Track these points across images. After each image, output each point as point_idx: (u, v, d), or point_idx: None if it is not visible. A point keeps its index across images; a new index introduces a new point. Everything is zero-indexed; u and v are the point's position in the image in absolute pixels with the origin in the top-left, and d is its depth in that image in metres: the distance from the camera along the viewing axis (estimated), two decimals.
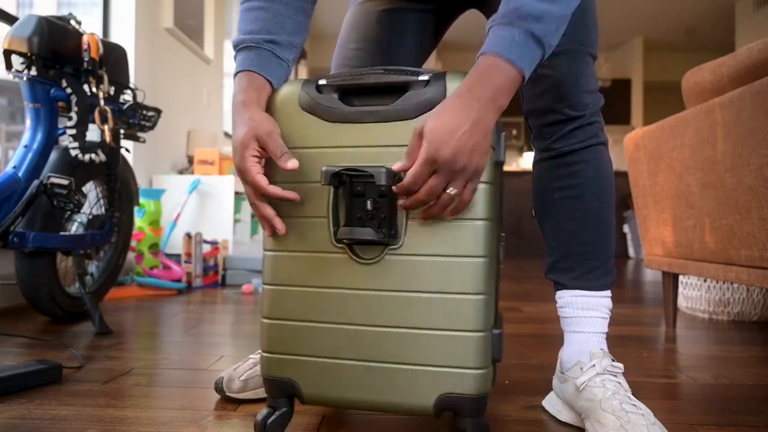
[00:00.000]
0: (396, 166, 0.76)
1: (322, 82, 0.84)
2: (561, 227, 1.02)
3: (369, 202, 0.81)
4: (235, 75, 0.87)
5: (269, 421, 0.85)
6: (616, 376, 0.95)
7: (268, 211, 0.83)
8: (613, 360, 0.98)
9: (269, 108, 0.86)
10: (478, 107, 0.72)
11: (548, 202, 1.03)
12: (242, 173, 0.81)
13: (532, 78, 0.94)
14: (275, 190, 0.80)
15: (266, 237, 0.87)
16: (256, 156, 0.80)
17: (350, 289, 0.83)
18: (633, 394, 0.93)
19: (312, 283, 0.84)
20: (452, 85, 0.78)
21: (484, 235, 0.78)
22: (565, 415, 1.01)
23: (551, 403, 1.06)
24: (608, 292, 1.02)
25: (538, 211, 1.06)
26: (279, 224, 0.83)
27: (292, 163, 0.79)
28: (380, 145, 0.81)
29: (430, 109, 0.77)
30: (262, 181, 0.80)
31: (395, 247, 0.81)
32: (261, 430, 0.85)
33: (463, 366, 0.78)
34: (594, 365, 0.96)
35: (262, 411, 0.86)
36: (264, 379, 0.88)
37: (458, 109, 0.72)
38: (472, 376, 0.78)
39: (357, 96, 0.84)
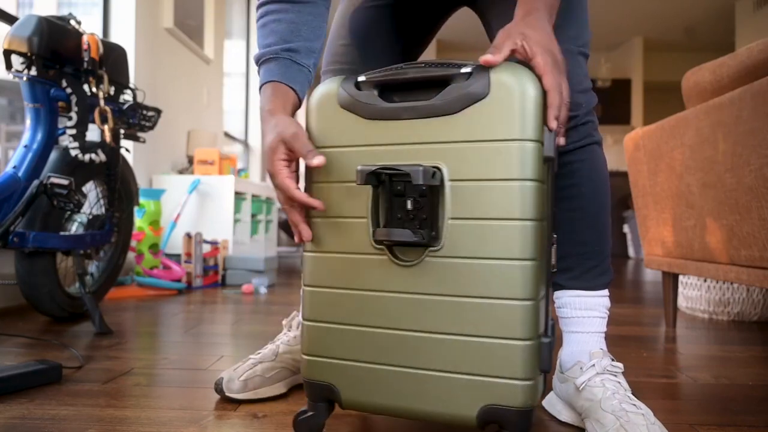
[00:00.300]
0: (484, 58, 0.75)
1: (361, 78, 0.82)
2: (558, 227, 1.02)
3: (409, 202, 0.78)
4: (260, 88, 0.88)
5: (305, 418, 0.86)
6: (615, 375, 0.95)
7: (296, 216, 0.83)
8: (612, 359, 0.98)
9: (307, 107, 0.86)
10: (548, 18, 0.81)
11: None
12: (272, 177, 0.82)
13: None
14: (301, 195, 0.81)
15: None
16: (284, 159, 0.81)
17: (389, 291, 0.80)
18: (633, 394, 0.93)
19: (351, 285, 0.82)
20: (496, 77, 0.74)
21: (532, 236, 0.74)
22: (565, 415, 1.01)
23: (551, 404, 1.06)
24: (606, 292, 1.02)
25: None
26: (305, 232, 0.83)
27: (318, 160, 0.78)
28: (420, 142, 0.78)
29: (474, 103, 0.75)
30: (291, 185, 0.80)
31: (435, 248, 0.77)
32: (301, 429, 0.86)
33: (509, 376, 0.74)
34: (593, 365, 0.96)
35: (303, 410, 0.87)
36: (304, 382, 0.86)
37: (539, 21, 0.79)
38: (518, 388, 0.74)
39: (398, 92, 0.81)
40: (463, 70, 0.76)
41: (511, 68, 0.75)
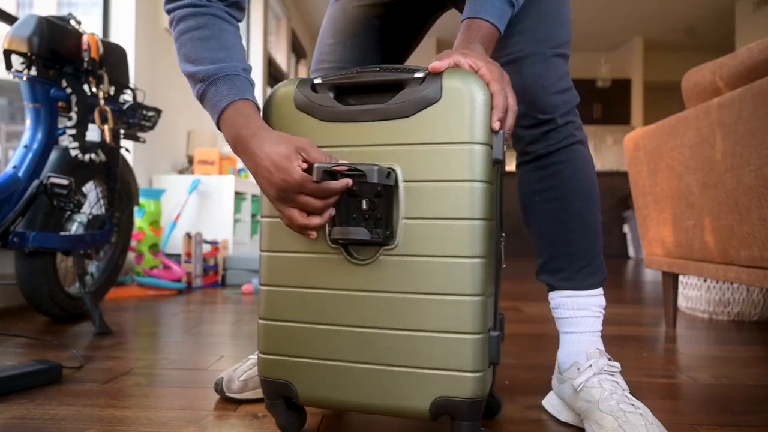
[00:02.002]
0: (431, 65, 0.79)
1: (317, 81, 0.83)
2: (545, 229, 1.03)
3: (364, 202, 0.80)
4: (232, 103, 0.83)
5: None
6: (613, 375, 0.95)
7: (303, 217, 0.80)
8: (609, 359, 0.98)
9: (264, 108, 0.86)
10: (483, 51, 0.85)
11: (531, 205, 1.04)
12: (295, 187, 0.76)
13: None
14: (337, 184, 0.77)
15: (262, 238, 0.87)
16: (302, 166, 0.77)
17: (345, 290, 0.82)
18: (631, 393, 0.93)
19: (307, 284, 0.84)
20: (448, 82, 0.78)
21: (481, 235, 0.77)
22: (565, 415, 1.01)
23: (551, 404, 1.06)
24: (600, 290, 1.02)
25: (524, 215, 1.06)
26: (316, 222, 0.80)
27: (343, 163, 0.78)
28: (376, 144, 0.81)
29: (427, 107, 0.78)
30: (324, 185, 0.77)
31: (390, 247, 0.80)
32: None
33: (460, 369, 0.77)
34: (590, 365, 0.96)
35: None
36: (261, 380, 0.88)
37: (476, 48, 0.85)
38: (468, 380, 0.77)
39: (353, 95, 0.83)
40: (417, 75, 0.80)
41: (461, 75, 0.79)
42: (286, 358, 0.85)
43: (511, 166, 1.25)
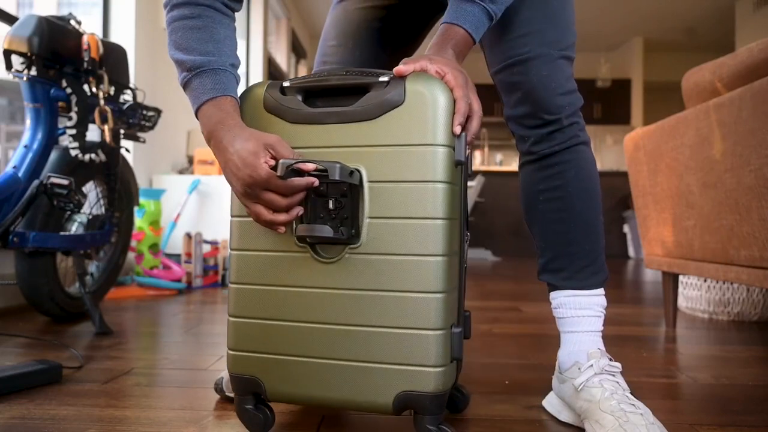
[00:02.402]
0: (396, 69, 0.82)
1: (286, 84, 0.86)
2: (548, 229, 1.03)
3: (331, 202, 0.82)
4: (213, 98, 0.84)
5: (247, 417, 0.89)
6: (614, 375, 0.95)
7: (270, 214, 0.82)
8: (610, 359, 0.98)
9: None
10: (454, 56, 0.88)
11: (534, 205, 1.05)
12: (261, 183, 0.78)
13: (507, 86, 1.00)
14: (301, 181, 0.79)
15: (232, 237, 0.89)
16: (269, 163, 0.79)
17: (311, 287, 0.84)
18: (632, 393, 0.93)
19: (274, 282, 0.86)
20: (411, 86, 0.80)
21: (443, 234, 0.80)
22: (565, 415, 1.01)
23: (551, 404, 1.06)
24: (601, 290, 1.02)
25: (526, 215, 1.07)
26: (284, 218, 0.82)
27: (311, 164, 0.79)
28: (342, 146, 0.83)
29: (391, 110, 0.80)
30: (289, 182, 0.79)
31: (355, 246, 0.82)
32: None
33: (422, 364, 0.80)
34: (591, 365, 0.96)
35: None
36: (230, 377, 0.89)
37: (446, 53, 0.87)
38: (431, 374, 0.79)
39: (321, 98, 0.85)
40: (381, 78, 0.82)
41: (425, 79, 0.81)
42: (254, 354, 0.87)
43: (513, 166, 1.26)
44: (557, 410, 1.03)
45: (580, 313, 1.01)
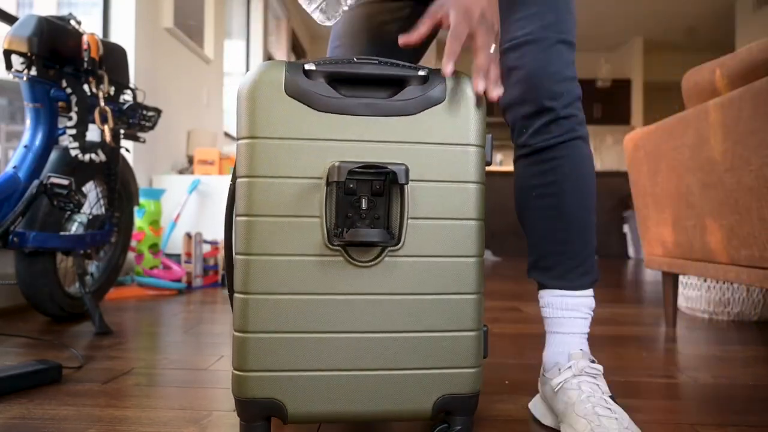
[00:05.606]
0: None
1: (309, 66, 0.77)
2: (539, 226, 1.00)
3: (364, 201, 0.78)
4: None
5: None
6: (594, 377, 0.92)
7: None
8: (593, 361, 0.95)
9: (242, 91, 0.77)
10: None
11: (526, 200, 1.01)
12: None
13: (504, 71, 0.97)
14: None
15: (238, 239, 0.77)
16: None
17: (342, 294, 0.77)
18: (611, 397, 0.91)
19: (299, 290, 0.77)
20: (452, 83, 0.80)
21: (477, 234, 0.80)
22: (549, 419, 0.98)
23: (536, 407, 1.03)
24: (590, 292, 0.99)
25: (518, 210, 1.03)
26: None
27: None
28: (376, 141, 0.77)
29: (432, 107, 0.78)
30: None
31: (395, 248, 0.77)
32: None
33: (463, 366, 0.79)
34: (570, 366, 0.93)
35: None
36: (238, 402, 0.78)
37: None
38: (470, 375, 0.79)
39: (346, 86, 0.78)
40: (420, 73, 0.79)
41: (465, 78, 0.80)
42: (274, 373, 0.77)
43: (509, 165, 1.25)
44: (542, 413, 1.00)
45: (567, 314, 0.98)
